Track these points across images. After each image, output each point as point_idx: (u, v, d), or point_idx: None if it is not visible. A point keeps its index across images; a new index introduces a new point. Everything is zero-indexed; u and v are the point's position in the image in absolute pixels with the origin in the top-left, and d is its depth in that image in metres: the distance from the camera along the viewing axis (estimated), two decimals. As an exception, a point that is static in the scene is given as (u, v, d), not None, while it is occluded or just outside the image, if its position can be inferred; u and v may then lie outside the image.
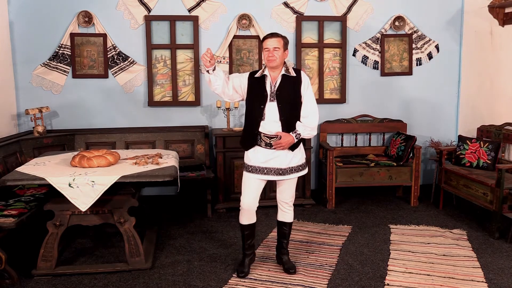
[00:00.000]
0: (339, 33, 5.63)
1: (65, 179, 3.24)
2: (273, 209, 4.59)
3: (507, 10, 4.99)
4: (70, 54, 5.25)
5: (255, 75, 3.37)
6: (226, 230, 4.49)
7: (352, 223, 4.67)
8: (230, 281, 3.43)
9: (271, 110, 3.29)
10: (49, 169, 3.49)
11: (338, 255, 3.88)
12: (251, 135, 3.36)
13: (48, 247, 3.48)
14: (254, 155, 3.36)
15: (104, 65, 5.33)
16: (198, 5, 5.41)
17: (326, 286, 3.35)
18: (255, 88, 3.34)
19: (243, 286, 3.35)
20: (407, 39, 5.74)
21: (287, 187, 3.47)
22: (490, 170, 4.71)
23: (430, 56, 5.81)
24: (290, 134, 3.29)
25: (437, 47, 5.80)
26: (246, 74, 3.42)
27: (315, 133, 3.46)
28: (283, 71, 3.32)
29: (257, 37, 5.48)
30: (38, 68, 5.23)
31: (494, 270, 3.60)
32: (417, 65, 5.82)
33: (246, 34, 5.50)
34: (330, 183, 5.14)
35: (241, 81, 3.39)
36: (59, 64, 5.26)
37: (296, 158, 3.40)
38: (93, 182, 3.25)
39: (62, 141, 5.02)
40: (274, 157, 3.32)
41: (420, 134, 5.73)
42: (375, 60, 5.73)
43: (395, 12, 5.68)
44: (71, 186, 3.23)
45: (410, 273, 3.54)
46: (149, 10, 5.33)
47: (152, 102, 5.43)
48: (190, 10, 5.41)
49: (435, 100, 5.87)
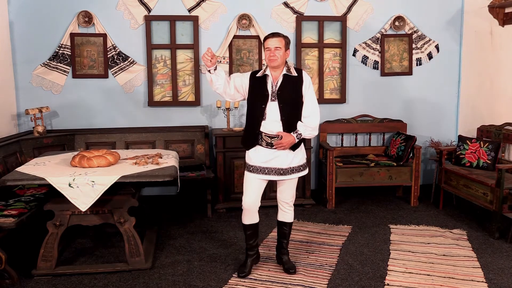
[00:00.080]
0: (339, 33, 5.63)
1: (65, 179, 3.24)
2: (273, 209, 4.59)
3: (507, 10, 4.99)
4: (70, 54, 5.24)
5: (257, 75, 3.37)
6: (226, 230, 4.49)
7: (352, 223, 4.67)
8: (230, 281, 3.43)
9: (272, 110, 3.29)
10: (49, 169, 3.49)
11: (338, 255, 3.88)
12: (252, 135, 3.36)
13: (48, 247, 3.48)
14: (255, 155, 3.36)
15: (104, 65, 5.32)
16: (198, 5, 5.41)
17: (326, 286, 3.35)
18: (257, 87, 3.34)
19: (243, 286, 3.35)
20: (407, 39, 5.74)
21: (288, 187, 3.47)
22: (490, 170, 4.71)
23: (430, 56, 5.81)
24: (291, 134, 3.29)
25: (437, 47, 5.80)
26: (248, 74, 3.42)
27: (316, 133, 3.45)
28: (285, 71, 3.32)
29: (257, 37, 5.48)
30: (38, 68, 5.23)
31: (494, 270, 3.60)
32: (417, 65, 5.82)
33: (246, 34, 5.50)
34: (330, 183, 5.14)
35: (242, 80, 3.39)
36: (59, 64, 5.25)
37: (297, 158, 3.40)
38: (93, 182, 3.25)
39: (62, 141, 5.01)
40: (275, 157, 3.32)
41: (420, 134, 5.73)
42: (375, 60, 5.73)
43: (395, 12, 5.68)
44: (71, 186, 3.23)
45: (410, 273, 3.54)
46: (149, 10, 5.33)
47: (152, 102, 5.43)
48: (190, 10, 5.41)
49: (435, 100, 5.87)
